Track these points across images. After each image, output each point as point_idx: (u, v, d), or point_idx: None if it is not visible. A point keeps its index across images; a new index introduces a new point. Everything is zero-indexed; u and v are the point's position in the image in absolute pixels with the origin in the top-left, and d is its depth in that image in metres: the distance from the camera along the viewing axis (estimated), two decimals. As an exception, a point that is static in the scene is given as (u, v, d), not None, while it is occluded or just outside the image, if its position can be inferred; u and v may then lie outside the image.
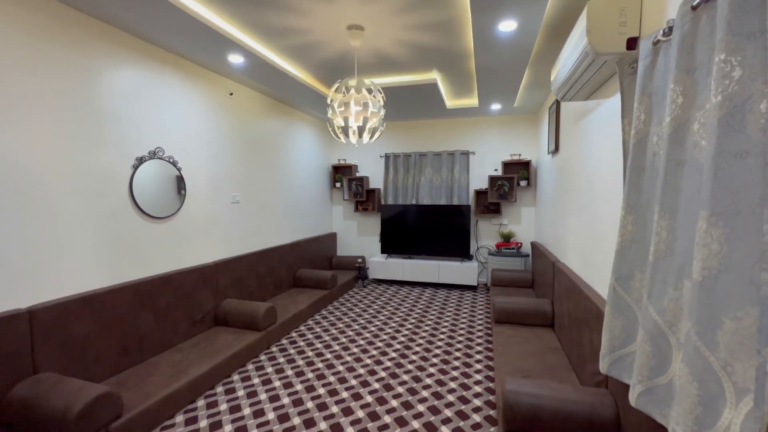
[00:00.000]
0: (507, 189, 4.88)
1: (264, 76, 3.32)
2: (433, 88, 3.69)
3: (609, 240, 1.97)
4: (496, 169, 5.11)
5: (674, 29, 1.01)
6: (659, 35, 1.11)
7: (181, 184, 2.89)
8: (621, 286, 1.25)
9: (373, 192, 5.54)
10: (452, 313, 4.03)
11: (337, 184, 5.64)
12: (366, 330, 3.55)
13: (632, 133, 1.20)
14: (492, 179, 4.94)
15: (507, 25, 2.28)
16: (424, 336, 3.40)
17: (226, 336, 2.92)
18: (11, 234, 1.87)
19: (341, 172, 5.67)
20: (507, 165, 4.95)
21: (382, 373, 2.71)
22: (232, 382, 2.57)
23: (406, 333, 3.47)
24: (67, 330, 2.03)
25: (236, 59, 2.89)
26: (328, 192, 5.72)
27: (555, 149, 3.48)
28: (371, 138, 2.73)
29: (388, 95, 3.93)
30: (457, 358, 2.95)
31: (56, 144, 2.06)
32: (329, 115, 2.62)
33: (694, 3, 0.93)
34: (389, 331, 3.51)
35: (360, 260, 5.34)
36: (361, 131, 2.71)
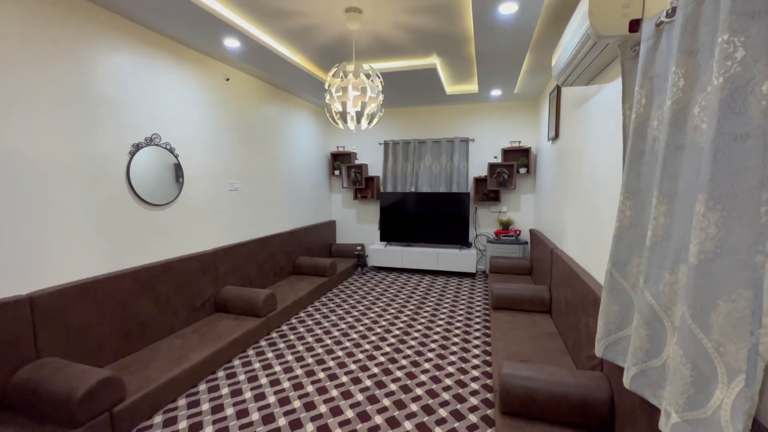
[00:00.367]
0: (506, 176, 4.87)
1: (260, 61, 3.27)
2: (433, 73, 3.64)
3: (607, 226, 1.97)
4: (495, 157, 5.09)
5: (678, 9, 0.99)
6: (662, 16, 1.09)
7: (178, 172, 2.88)
8: (618, 271, 1.26)
9: (372, 180, 5.52)
10: (451, 299, 4.07)
11: (336, 172, 5.61)
12: (365, 316, 3.59)
13: (632, 117, 1.19)
14: (491, 166, 4.92)
15: (508, 8, 2.23)
16: (422, 322, 3.43)
17: (226, 322, 2.95)
18: (9, 221, 1.86)
19: (340, 160, 5.64)
20: (507, 152, 4.92)
21: (381, 358, 2.75)
22: (233, 367, 2.60)
23: (405, 319, 3.51)
24: (69, 316, 2.05)
25: (232, 43, 2.84)
26: (326, 180, 5.70)
27: (555, 136, 3.45)
28: (369, 124, 2.70)
29: (387, 81, 3.87)
30: (455, 343, 2.99)
31: (51, 130, 2.04)
32: (327, 100, 2.58)
33: (699, -18, 0.90)
34: (388, 317, 3.55)
35: (359, 248, 5.36)
36: (359, 117, 2.68)
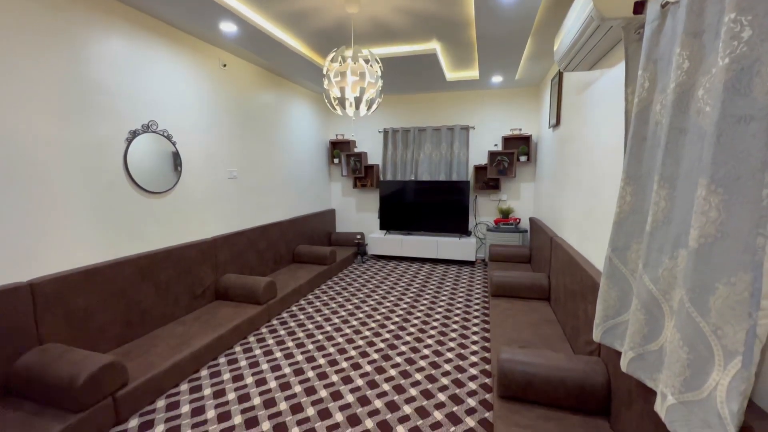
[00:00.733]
0: (506, 164, 4.84)
1: (257, 46, 3.21)
2: (433, 59, 3.58)
3: (607, 213, 1.97)
4: (495, 145, 5.05)
5: (684, -11, 0.97)
6: (668, -4, 1.06)
7: (177, 160, 2.86)
8: (617, 257, 1.26)
9: (372, 168, 5.50)
10: (450, 287, 4.09)
11: (335, 160, 5.58)
12: (365, 303, 3.61)
13: (635, 101, 1.17)
14: (492, 155, 4.89)
15: (510, -10, 2.19)
16: (422, 309, 3.46)
17: (227, 309, 2.97)
18: (7, 208, 1.85)
19: (339, 148, 5.59)
20: (507, 140, 4.88)
21: (381, 344, 2.78)
22: (234, 353, 2.63)
23: (405, 306, 3.53)
24: (70, 303, 2.06)
25: (228, 27, 2.78)
26: (326, 168, 5.67)
27: (556, 123, 3.42)
28: (368, 110, 2.67)
29: (386, 67, 3.82)
30: (455, 330, 3.02)
31: (48, 117, 2.01)
32: (325, 85, 2.55)
33: (707, -41, 0.88)
34: (388, 305, 3.57)
35: (359, 236, 5.37)
36: (358, 103, 2.64)
